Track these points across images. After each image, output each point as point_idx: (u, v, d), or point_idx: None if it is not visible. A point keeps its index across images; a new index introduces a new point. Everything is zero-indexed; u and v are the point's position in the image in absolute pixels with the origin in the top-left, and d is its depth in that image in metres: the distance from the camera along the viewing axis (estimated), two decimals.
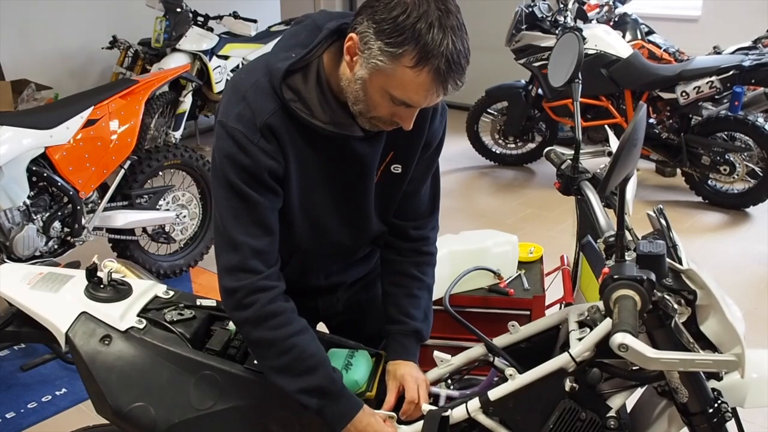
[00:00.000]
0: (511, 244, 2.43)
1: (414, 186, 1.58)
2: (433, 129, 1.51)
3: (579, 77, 1.66)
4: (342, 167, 1.46)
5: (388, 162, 1.51)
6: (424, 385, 1.53)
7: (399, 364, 1.56)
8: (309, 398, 1.41)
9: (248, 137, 1.35)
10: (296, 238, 1.52)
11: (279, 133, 1.36)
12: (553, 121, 5.25)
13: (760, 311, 3.45)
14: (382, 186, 1.53)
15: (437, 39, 1.21)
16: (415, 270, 1.63)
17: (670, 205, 4.80)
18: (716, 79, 4.52)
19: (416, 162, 1.53)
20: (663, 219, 1.41)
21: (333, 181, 1.47)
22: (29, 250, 3.16)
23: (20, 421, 2.71)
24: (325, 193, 1.48)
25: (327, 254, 1.61)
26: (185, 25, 5.21)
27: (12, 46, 5.30)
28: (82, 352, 1.46)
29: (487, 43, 6.62)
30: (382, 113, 1.33)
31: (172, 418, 1.43)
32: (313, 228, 1.52)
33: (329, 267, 1.67)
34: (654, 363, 1.17)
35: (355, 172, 1.47)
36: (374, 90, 1.30)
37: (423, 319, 1.62)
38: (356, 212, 1.54)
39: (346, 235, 1.56)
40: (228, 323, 1.59)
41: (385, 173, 1.52)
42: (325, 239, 1.55)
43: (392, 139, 1.47)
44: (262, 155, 1.35)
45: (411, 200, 1.60)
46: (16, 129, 3.03)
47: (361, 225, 1.57)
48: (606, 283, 1.21)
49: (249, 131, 1.35)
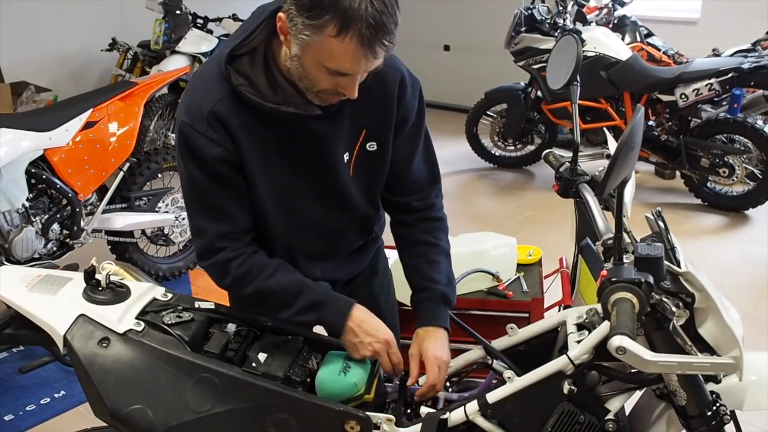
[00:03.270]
0: (509, 246, 2.43)
1: (404, 164, 1.60)
2: (404, 104, 1.53)
3: (577, 80, 1.66)
4: (305, 149, 1.48)
5: (363, 140, 1.53)
6: (444, 367, 1.53)
7: (428, 332, 1.57)
8: (306, 316, 1.50)
9: (194, 128, 1.40)
10: (273, 226, 1.55)
11: (227, 120, 1.40)
12: (553, 124, 5.25)
13: (759, 314, 3.45)
14: (361, 165, 1.55)
15: (354, 4, 1.23)
16: (428, 236, 1.65)
17: (669, 207, 4.80)
18: (715, 81, 4.53)
19: (393, 139, 1.55)
20: (661, 221, 1.41)
21: (299, 163, 1.49)
22: (28, 252, 3.15)
23: (18, 424, 2.70)
24: (292, 176, 1.50)
25: (311, 239, 1.61)
26: (184, 27, 5.22)
27: (11, 48, 5.30)
28: (80, 355, 1.45)
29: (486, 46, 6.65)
30: (325, 86, 1.35)
31: (170, 421, 1.43)
32: (289, 212, 1.54)
33: (321, 257, 1.65)
34: (652, 366, 1.17)
35: (320, 152, 1.49)
36: (309, 65, 1.32)
37: (447, 283, 1.63)
38: (331, 192, 1.55)
39: (324, 215, 1.58)
40: (226, 326, 1.58)
41: (362, 152, 1.54)
42: (303, 222, 1.57)
43: (362, 117, 1.50)
44: (208, 144, 1.40)
45: (406, 177, 1.63)
46: (15, 131, 3.03)
47: (339, 204, 1.57)
48: (604, 285, 1.21)
49: (195, 122, 1.40)
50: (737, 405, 1.42)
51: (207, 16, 5.51)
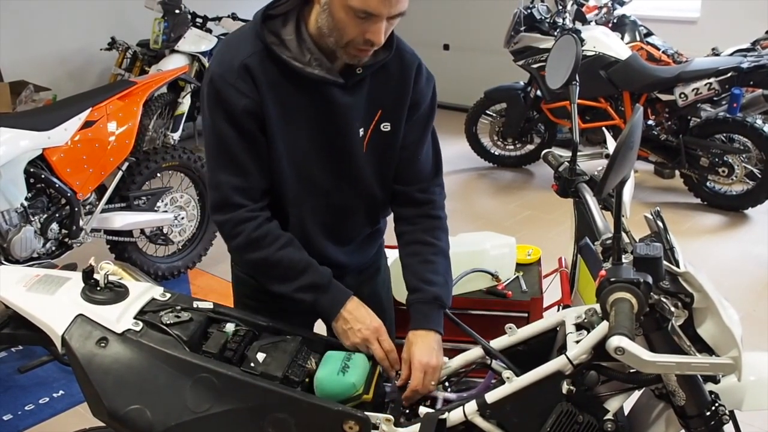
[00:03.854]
0: (509, 246, 2.43)
1: (411, 150, 1.64)
2: (419, 88, 1.60)
3: (576, 79, 1.66)
4: (324, 115, 1.53)
5: (378, 120, 1.58)
6: (432, 372, 1.52)
7: (418, 336, 1.56)
8: (304, 294, 1.54)
9: (225, 78, 1.46)
10: (288, 194, 1.58)
11: (256, 74, 1.46)
12: (552, 123, 5.25)
13: (759, 314, 3.45)
14: (374, 144, 1.59)
15: None
16: (427, 236, 1.67)
17: (669, 206, 4.80)
18: (715, 80, 4.53)
19: (405, 121, 1.60)
20: (660, 221, 1.41)
21: (317, 128, 1.54)
22: (26, 251, 3.15)
23: (17, 423, 2.70)
24: (310, 142, 1.55)
25: (321, 213, 1.63)
26: (184, 26, 5.21)
27: (10, 47, 5.30)
28: (78, 355, 1.45)
29: (486, 45, 6.65)
30: (352, 34, 1.40)
31: (168, 421, 1.42)
32: (303, 181, 1.58)
33: (330, 235, 1.67)
34: (651, 366, 1.17)
35: (338, 121, 1.54)
36: (337, 10, 1.38)
37: (442, 284, 1.62)
38: (343, 164, 1.59)
39: (335, 187, 1.61)
40: (225, 326, 1.58)
41: (376, 132, 1.59)
42: (315, 192, 1.60)
43: (379, 96, 1.56)
44: (237, 94, 1.46)
45: (411, 164, 1.66)
46: (14, 130, 3.03)
47: (349, 179, 1.61)
48: (603, 285, 1.20)
49: (227, 72, 1.46)
50: (736, 405, 1.42)
51: (206, 15, 5.50)
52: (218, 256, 4.08)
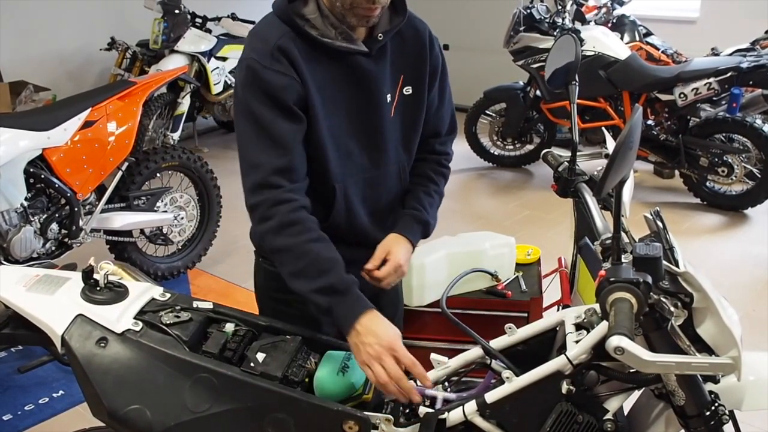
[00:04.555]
0: (508, 246, 2.44)
1: (433, 111, 1.75)
2: (434, 54, 1.70)
3: (576, 79, 1.66)
4: (356, 86, 1.59)
5: (402, 85, 1.66)
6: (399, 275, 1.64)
7: (400, 240, 1.67)
8: (321, 297, 1.47)
9: (261, 62, 1.49)
10: (332, 169, 1.61)
11: (290, 53, 1.50)
12: (551, 123, 5.25)
13: (758, 313, 3.45)
14: (400, 108, 1.67)
15: None
16: (433, 174, 1.80)
17: (668, 206, 4.80)
18: (714, 80, 4.53)
19: (429, 88, 1.70)
20: (660, 221, 1.41)
21: (349, 100, 1.59)
22: (26, 252, 3.15)
23: (17, 423, 2.70)
24: (344, 114, 1.60)
25: (359, 182, 1.67)
26: (183, 26, 5.22)
27: (10, 47, 5.30)
28: (78, 355, 1.45)
29: (485, 45, 6.65)
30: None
31: (167, 421, 1.43)
32: (340, 153, 1.62)
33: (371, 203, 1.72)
34: (650, 366, 1.17)
35: (366, 91, 1.60)
36: None
37: (433, 218, 1.76)
38: (372, 133, 1.65)
39: (366, 157, 1.66)
40: (225, 326, 1.58)
41: (401, 95, 1.66)
42: (350, 162, 1.64)
43: (400, 63, 1.64)
44: (275, 75, 1.49)
45: (435, 121, 1.78)
46: (14, 130, 3.03)
47: (378, 146, 1.67)
48: (602, 285, 1.20)
49: (261, 57, 1.50)
50: (736, 405, 1.42)
51: (206, 15, 5.51)
52: (218, 256, 4.08)
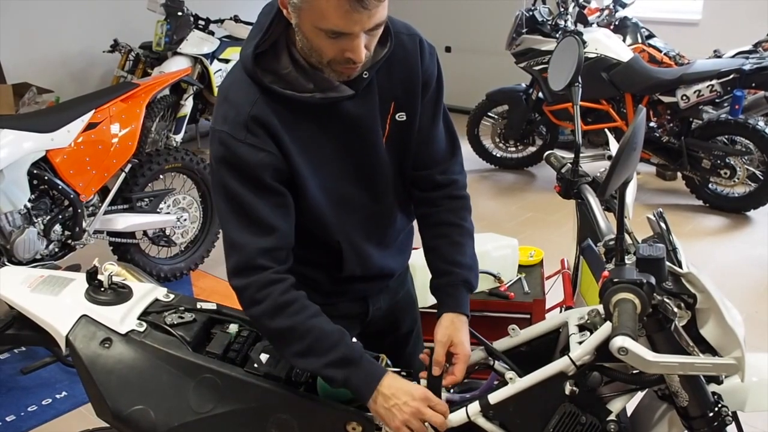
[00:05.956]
0: (511, 247, 2.44)
1: (425, 133, 1.55)
2: (426, 66, 1.50)
3: (579, 81, 1.66)
4: (342, 133, 1.44)
5: (393, 112, 1.49)
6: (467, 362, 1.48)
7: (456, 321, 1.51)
8: (335, 370, 1.38)
9: (234, 136, 1.35)
10: (330, 224, 1.49)
11: (267, 122, 1.36)
12: (554, 125, 5.25)
13: (761, 315, 3.45)
14: (393, 138, 1.50)
15: None
16: (453, 216, 1.60)
17: (671, 208, 4.80)
18: (717, 82, 4.53)
19: (420, 105, 1.51)
20: (663, 222, 1.41)
21: (339, 149, 1.45)
22: (30, 253, 3.16)
23: (20, 424, 2.71)
24: (335, 164, 1.46)
25: (362, 224, 1.55)
26: (186, 28, 5.22)
27: (13, 49, 5.31)
28: (82, 355, 1.46)
29: (488, 47, 6.65)
30: (331, 54, 1.31)
31: (171, 422, 1.43)
32: (339, 202, 1.50)
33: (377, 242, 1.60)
34: (654, 366, 1.17)
35: (357, 133, 1.45)
36: (308, 32, 1.28)
37: (470, 267, 1.58)
38: (368, 171, 1.51)
39: (367, 197, 1.53)
40: (228, 326, 1.59)
41: (393, 124, 1.50)
42: (351, 207, 1.52)
43: (390, 89, 1.46)
44: (250, 151, 1.35)
45: (427, 147, 1.57)
46: (17, 132, 3.04)
47: (378, 181, 1.53)
48: (606, 286, 1.21)
49: (234, 130, 1.35)
50: (739, 406, 1.42)
51: (209, 17, 5.51)
52: (220, 257, 4.06)
